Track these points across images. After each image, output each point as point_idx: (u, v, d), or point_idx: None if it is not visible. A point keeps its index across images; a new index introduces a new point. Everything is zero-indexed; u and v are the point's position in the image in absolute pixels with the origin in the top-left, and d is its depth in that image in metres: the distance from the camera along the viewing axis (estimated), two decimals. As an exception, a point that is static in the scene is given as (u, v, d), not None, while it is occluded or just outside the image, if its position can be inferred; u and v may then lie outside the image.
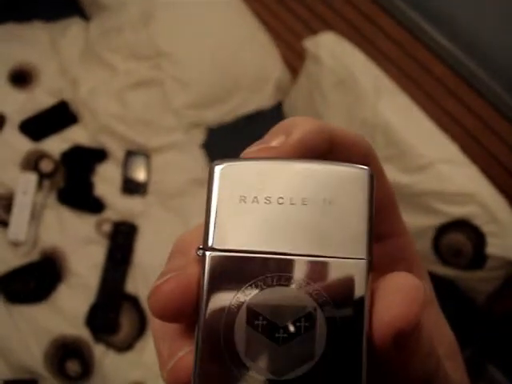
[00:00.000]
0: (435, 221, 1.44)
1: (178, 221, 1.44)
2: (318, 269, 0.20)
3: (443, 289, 1.47)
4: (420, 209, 1.46)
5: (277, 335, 0.20)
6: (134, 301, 1.36)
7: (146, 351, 1.31)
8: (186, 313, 0.21)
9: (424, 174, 1.45)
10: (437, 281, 0.22)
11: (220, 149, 1.54)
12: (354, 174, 0.21)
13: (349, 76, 1.54)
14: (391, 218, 0.25)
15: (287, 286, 0.20)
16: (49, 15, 1.72)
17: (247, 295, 0.20)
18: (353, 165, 0.21)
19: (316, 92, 1.61)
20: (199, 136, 1.63)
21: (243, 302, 0.20)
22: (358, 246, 0.20)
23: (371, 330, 0.20)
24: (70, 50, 1.65)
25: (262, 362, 0.20)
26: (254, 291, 0.20)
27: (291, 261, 0.20)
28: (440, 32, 1.45)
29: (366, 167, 0.21)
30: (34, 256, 1.36)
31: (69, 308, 1.32)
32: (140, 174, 1.51)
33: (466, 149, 1.47)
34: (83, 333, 1.29)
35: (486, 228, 1.39)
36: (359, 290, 0.20)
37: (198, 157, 1.58)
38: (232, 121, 1.67)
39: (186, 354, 0.21)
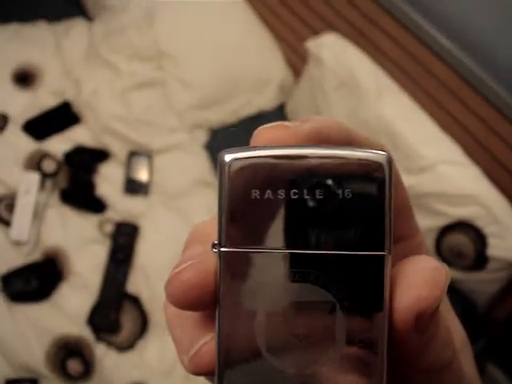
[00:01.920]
0: (437, 222, 1.44)
1: (180, 221, 1.44)
2: (335, 263, 0.19)
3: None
4: (422, 210, 1.46)
5: (297, 331, 0.20)
6: (135, 301, 1.36)
7: (148, 351, 1.31)
8: (203, 301, 0.21)
9: (426, 176, 1.44)
10: None
11: (223, 150, 1.53)
12: (372, 160, 0.19)
13: (351, 77, 1.54)
14: (407, 222, 0.25)
15: (305, 282, 0.19)
16: (52, 16, 1.73)
17: (264, 291, 0.20)
18: (370, 150, 0.20)
19: (318, 93, 1.62)
20: (202, 137, 1.63)
21: (261, 298, 0.20)
22: (377, 240, 0.19)
23: (392, 314, 0.19)
24: (74, 50, 1.66)
25: (284, 358, 0.20)
26: (272, 287, 0.20)
27: (308, 256, 0.19)
28: (442, 33, 1.45)
29: (384, 152, 0.20)
30: (36, 255, 1.37)
31: (70, 307, 1.32)
32: (142, 175, 1.51)
33: (468, 150, 1.47)
34: (85, 332, 1.30)
35: (488, 229, 1.39)
36: (379, 283, 0.19)
37: (201, 158, 1.59)
38: (235, 122, 1.67)
39: (208, 341, 0.21)
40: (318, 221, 0.19)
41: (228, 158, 0.20)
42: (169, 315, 0.23)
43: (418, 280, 0.19)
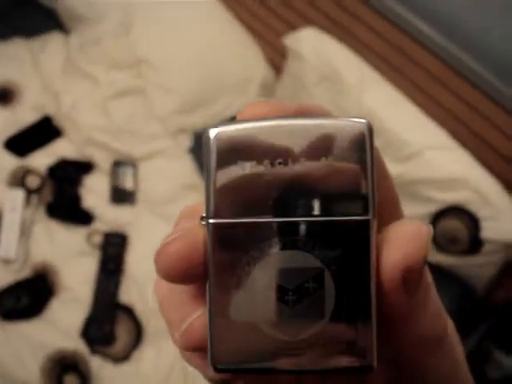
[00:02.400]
0: (429, 209, 1.43)
1: (168, 227, 1.42)
2: (322, 229, 0.20)
3: (443, 277, 1.45)
4: (413, 198, 1.44)
5: (287, 298, 0.20)
6: (128, 311, 1.34)
7: (143, 361, 1.29)
8: (192, 273, 0.21)
9: (414, 163, 1.43)
10: (435, 269, 0.22)
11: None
12: (353, 127, 0.20)
13: (332, 70, 1.53)
14: (395, 212, 0.24)
15: (293, 249, 0.20)
16: (29, 31, 1.72)
17: (254, 260, 0.20)
18: (351, 118, 0.20)
19: (300, 88, 1.60)
20: (185, 141, 1.62)
21: (250, 268, 0.20)
22: (361, 205, 0.20)
23: (380, 276, 0.20)
24: (51, 64, 1.65)
25: (276, 324, 0.20)
26: (261, 256, 0.20)
27: (295, 223, 0.20)
28: (420, 19, 1.44)
29: (364, 120, 0.20)
30: (25, 272, 1.35)
31: (63, 322, 1.30)
32: (128, 184, 1.50)
33: (455, 135, 1.45)
34: (79, 346, 1.28)
35: (481, 212, 1.38)
36: (365, 247, 0.20)
37: (186, 162, 1.57)
38: (218, 124, 1.65)
39: (198, 316, 0.21)
40: (304, 189, 0.20)
41: (213, 132, 0.20)
42: (160, 295, 0.23)
43: (401, 240, 0.20)
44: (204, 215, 0.21)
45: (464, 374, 0.24)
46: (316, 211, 0.20)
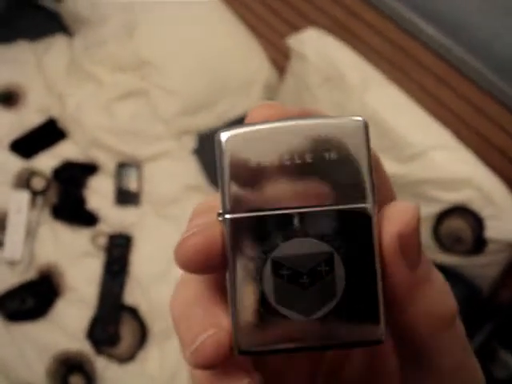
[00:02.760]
0: (433, 209, 1.43)
1: (173, 228, 1.43)
2: (329, 218, 0.22)
3: (447, 277, 1.44)
4: (417, 198, 1.44)
5: (301, 281, 0.22)
6: (133, 312, 1.35)
7: (148, 361, 1.29)
8: (211, 264, 0.22)
9: (418, 163, 1.43)
10: (440, 269, 0.23)
11: (212, 154, 1.52)
12: (351, 124, 0.23)
13: (335, 71, 1.53)
14: (388, 197, 0.26)
15: (305, 236, 0.22)
16: (33, 34, 1.73)
17: (270, 250, 0.22)
18: (349, 117, 0.23)
19: (304, 89, 1.61)
20: (189, 143, 1.62)
21: (267, 257, 0.22)
22: (361, 193, 0.22)
23: (380, 250, 0.22)
24: (55, 66, 1.66)
25: (292, 306, 0.22)
26: (276, 245, 0.22)
27: (306, 214, 0.22)
28: (424, 20, 1.44)
29: (360, 118, 0.23)
30: (30, 274, 1.36)
31: (68, 323, 1.31)
32: (132, 185, 1.51)
33: (458, 134, 1.45)
34: (84, 347, 1.29)
35: (484, 212, 1.37)
36: (368, 230, 0.22)
37: (190, 163, 1.58)
38: (222, 125, 1.66)
39: (210, 335, 0.22)
40: (311, 182, 0.22)
41: (224, 135, 0.23)
42: (175, 313, 0.24)
43: (395, 215, 0.22)
44: (220, 212, 0.23)
45: (475, 362, 0.25)
46: (324, 202, 0.22)
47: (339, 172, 0.22)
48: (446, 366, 0.23)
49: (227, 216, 0.23)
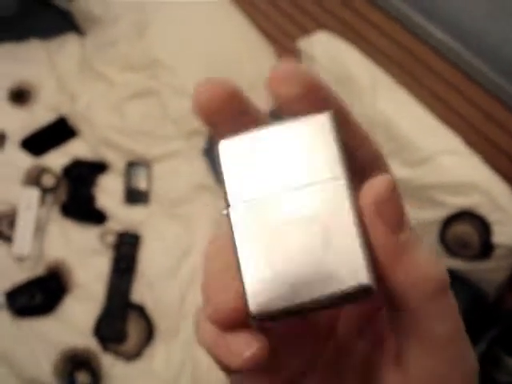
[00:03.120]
0: (440, 213, 1.43)
1: (181, 228, 1.44)
2: (311, 196, 0.24)
3: (453, 282, 1.44)
4: (424, 202, 1.45)
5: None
6: (140, 310, 1.35)
7: (155, 359, 1.30)
8: (228, 111, 0.24)
9: (426, 167, 1.43)
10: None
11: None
12: (316, 123, 0.24)
13: (345, 74, 1.54)
14: (379, 168, 0.27)
15: (292, 209, 0.24)
16: (45, 33, 1.75)
17: (270, 222, 0.24)
18: (313, 114, 0.24)
19: (313, 92, 1.61)
20: (199, 143, 1.63)
21: (268, 228, 0.24)
22: (335, 172, 0.24)
23: (363, 219, 0.23)
24: (67, 65, 1.67)
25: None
26: (274, 218, 0.24)
27: (294, 194, 0.24)
28: (434, 24, 1.45)
29: (325, 112, 0.24)
30: (39, 270, 1.37)
31: (76, 320, 1.32)
32: (142, 184, 1.52)
33: (467, 139, 1.45)
34: (91, 344, 1.30)
35: (492, 217, 1.37)
36: (343, 201, 0.23)
37: (200, 163, 1.59)
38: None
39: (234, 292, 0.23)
40: (293, 173, 0.24)
41: (221, 144, 0.25)
42: (209, 255, 0.25)
43: (371, 183, 0.23)
44: (224, 209, 0.24)
45: (469, 347, 0.25)
46: (304, 183, 0.24)
47: (312, 162, 0.24)
48: (437, 334, 0.23)
49: (230, 208, 0.24)
